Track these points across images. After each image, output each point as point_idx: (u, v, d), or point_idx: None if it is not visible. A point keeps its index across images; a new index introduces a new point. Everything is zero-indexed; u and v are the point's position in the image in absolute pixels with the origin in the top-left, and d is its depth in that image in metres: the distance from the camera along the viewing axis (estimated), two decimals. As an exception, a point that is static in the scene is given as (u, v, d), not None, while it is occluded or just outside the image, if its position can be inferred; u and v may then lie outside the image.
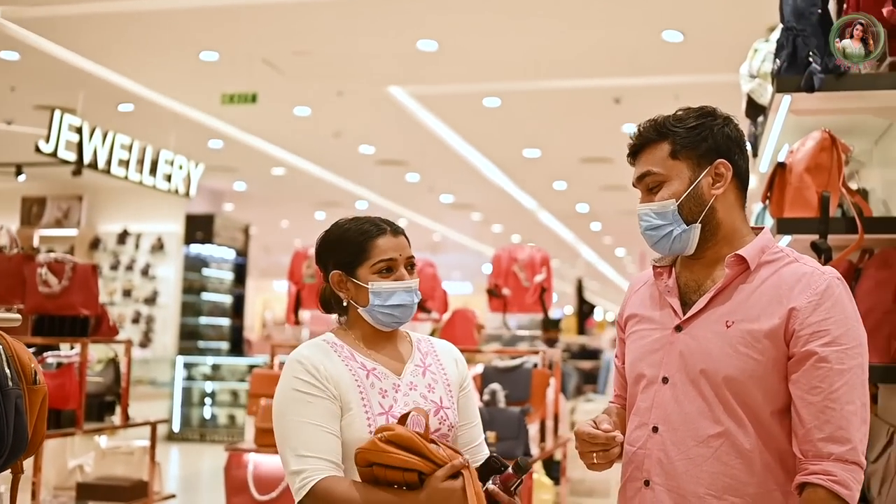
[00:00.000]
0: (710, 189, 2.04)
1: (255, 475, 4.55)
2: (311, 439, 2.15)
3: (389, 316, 2.28)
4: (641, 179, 2.10)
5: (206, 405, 14.56)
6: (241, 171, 15.74)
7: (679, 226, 2.04)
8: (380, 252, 2.27)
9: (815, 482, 1.86)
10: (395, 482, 2.07)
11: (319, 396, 2.18)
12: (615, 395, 2.34)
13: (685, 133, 2.05)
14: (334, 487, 2.11)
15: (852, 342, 1.91)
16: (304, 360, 2.23)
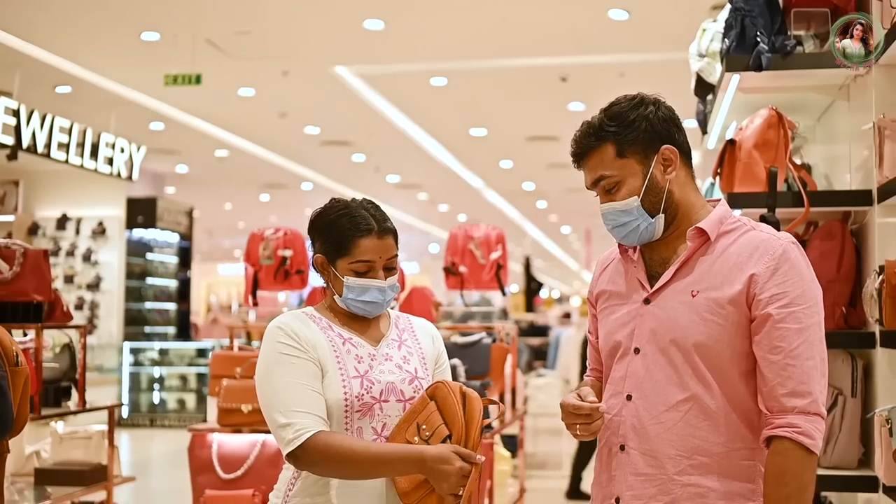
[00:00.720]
0: (663, 176, 2.12)
1: (219, 455, 4.58)
2: (299, 398, 2.20)
3: (361, 308, 2.34)
4: (597, 183, 2.15)
5: (155, 390, 14.45)
6: (183, 154, 15.57)
7: (644, 220, 2.11)
8: (360, 253, 2.32)
9: (781, 435, 1.99)
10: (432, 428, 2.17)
11: (302, 358, 2.25)
12: (591, 368, 2.43)
13: (624, 130, 2.10)
14: (329, 440, 2.17)
15: (809, 301, 2.02)
16: (283, 326, 2.30)
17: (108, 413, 5.71)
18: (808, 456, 1.98)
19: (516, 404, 5.69)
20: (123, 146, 12.07)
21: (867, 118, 3.09)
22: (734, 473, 2.05)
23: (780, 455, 1.99)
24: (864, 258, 3.23)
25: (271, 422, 2.24)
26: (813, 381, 1.99)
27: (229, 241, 28.32)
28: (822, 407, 2.01)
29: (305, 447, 2.16)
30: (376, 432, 2.27)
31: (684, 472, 2.05)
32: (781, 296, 2.00)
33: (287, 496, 2.29)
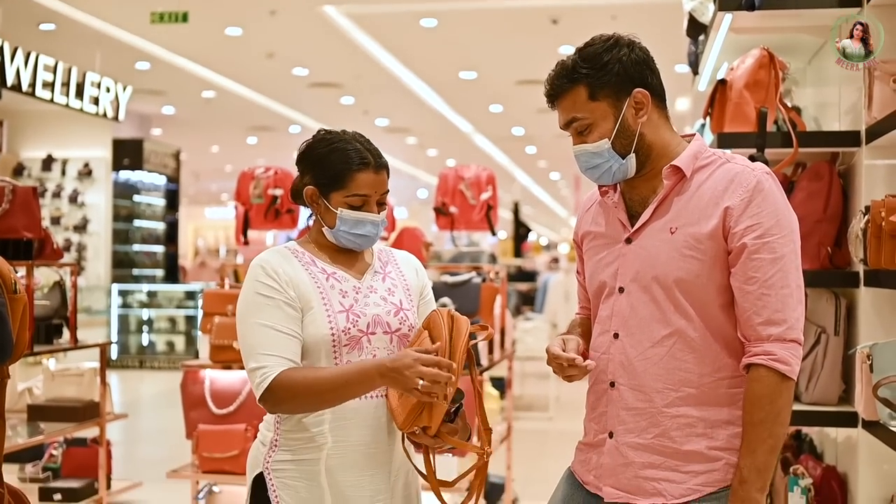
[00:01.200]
0: (635, 119, 2.13)
1: (212, 390, 4.63)
2: (271, 340, 2.22)
3: (352, 241, 2.35)
4: (569, 125, 2.17)
5: (144, 332, 14.51)
6: (170, 95, 15.43)
7: (616, 161, 2.14)
8: (356, 186, 2.32)
9: (757, 362, 2.04)
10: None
11: (279, 300, 2.26)
12: (580, 307, 2.48)
13: (596, 73, 2.11)
14: (292, 376, 2.19)
15: (783, 230, 2.05)
16: (264, 265, 2.31)
17: (99, 351, 5.77)
18: (783, 382, 2.03)
19: (505, 344, 5.75)
20: (109, 85, 11.94)
21: (858, 59, 3.11)
22: (721, 401, 2.11)
23: (756, 382, 2.04)
24: (851, 199, 3.27)
25: (245, 362, 2.27)
26: (788, 309, 2.03)
27: (216, 185, 28.20)
28: (798, 333, 2.05)
29: (271, 389, 2.19)
30: None
31: (672, 405, 2.10)
32: (756, 227, 2.03)
33: (278, 428, 2.31)
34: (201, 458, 4.51)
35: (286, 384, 2.18)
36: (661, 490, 2.10)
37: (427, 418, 2.16)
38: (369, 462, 2.30)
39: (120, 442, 8.00)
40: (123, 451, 7.98)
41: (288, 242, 2.46)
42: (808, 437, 3.88)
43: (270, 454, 2.31)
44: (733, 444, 2.10)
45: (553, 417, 9.65)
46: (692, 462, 2.09)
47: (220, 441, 4.47)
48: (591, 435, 2.25)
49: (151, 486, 6.49)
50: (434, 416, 2.15)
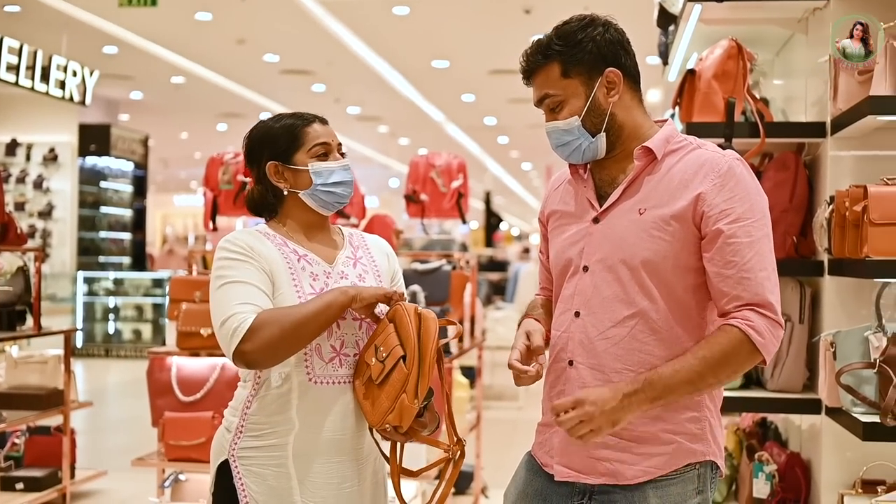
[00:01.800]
0: (606, 98, 2.14)
1: (178, 377, 4.58)
2: (245, 293, 2.19)
3: (332, 194, 2.34)
4: (542, 101, 2.19)
5: (110, 320, 14.38)
6: (138, 80, 15.24)
7: (586, 139, 2.15)
8: (313, 137, 2.33)
9: (734, 323, 2.02)
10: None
11: (251, 262, 2.24)
12: (541, 287, 2.47)
13: (570, 50, 2.12)
14: (266, 315, 2.16)
15: (756, 215, 2.06)
16: (234, 239, 2.29)
17: (63, 338, 5.71)
18: (751, 352, 2.02)
19: (475, 332, 5.76)
20: (76, 69, 11.76)
21: (824, 51, 3.12)
22: None
23: (723, 333, 2.03)
24: (816, 189, 3.31)
25: (215, 327, 2.23)
26: (768, 291, 2.03)
27: (185, 172, 27.96)
28: (779, 315, 2.06)
29: (251, 330, 2.14)
30: (335, 350, 2.27)
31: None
32: (730, 211, 2.04)
33: (245, 414, 2.28)
34: (167, 446, 4.47)
35: (262, 323, 2.14)
36: (612, 470, 2.10)
37: (398, 418, 2.15)
38: (337, 449, 2.28)
39: (84, 430, 7.93)
40: (88, 439, 7.92)
41: (258, 225, 2.43)
42: (773, 424, 3.92)
43: (236, 440, 2.28)
44: (689, 429, 2.10)
45: (523, 407, 9.69)
46: (646, 444, 2.09)
47: (187, 429, 4.43)
48: (549, 415, 2.24)
49: (116, 475, 6.45)
50: (405, 416, 2.15)
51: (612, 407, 1.99)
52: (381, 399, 2.17)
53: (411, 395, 2.14)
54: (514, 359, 2.13)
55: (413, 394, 2.15)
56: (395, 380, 2.17)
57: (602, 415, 1.98)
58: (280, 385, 2.24)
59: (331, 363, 2.27)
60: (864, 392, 2.84)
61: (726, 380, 2.07)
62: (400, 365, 2.17)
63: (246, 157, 2.43)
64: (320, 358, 2.26)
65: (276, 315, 2.17)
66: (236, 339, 2.15)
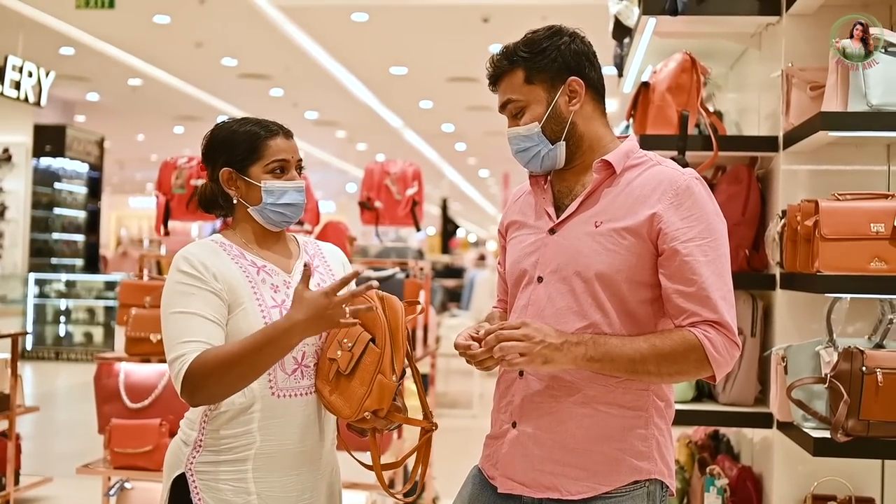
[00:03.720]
0: (567, 107, 2.14)
1: (126, 384, 4.51)
2: (190, 327, 2.14)
3: (280, 214, 2.29)
4: (505, 107, 2.19)
5: (61, 323, 14.18)
6: (94, 81, 15.10)
7: (545, 146, 2.15)
8: (273, 153, 2.27)
9: (691, 330, 2.01)
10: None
11: (203, 288, 2.17)
12: (498, 299, 2.46)
13: (534, 58, 2.14)
14: (205, 356, 2.10)
15: (714, 234, 2.05)
16: (189, 256, 2.22)
17: (11, 342, 5.61)
18: (701, 361, 2.01)
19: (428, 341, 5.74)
20: (31, 70, 11.67)
21: (777, 67, 3.16)
22: (632, 403, 2.10)
23: (680, 334, 2.02)
24: (769, 203, 3.33)
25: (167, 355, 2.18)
26: (725, 312, 2.03)
27: (141, 174, 27.71)
28: (737, 336, 2.05)
29: (188, 374, 2.09)
30: (297, 362, 2.23)
31: (580, 401, 2.09)
32: (687, 230, 2.04)
33: (204, 427, 2.23)
34: (113, 454, 4.39)
35: (199, 367, 2.08)
36: (557, 485, 2.09)
37: (377, 400, 2.13)
38: (298, 461, 2.24)
39: (30, 436, 7.80)
40: (34, 445, 7.77)
41: (213, 235, 2.38)
42: (725, 437, 3.93)
43: (194, 455, 2.22)
44: (636, 446, 2.09)
45: (477, 415, 9.67)
46: (594, 461, 2.08)
47: (134, 436, 4.36)
48: (496, 426, 2.23)
49: (61, 482, 6.33)
50: (385, 396, 2.13)
51: (552, 343, 1.99)
52: (354, 387, 2.15)
53: (388, 371, 2.14)
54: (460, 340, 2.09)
55: (390, 370, 2.14)
56: (367, 363, 2.15)
57: (541, 344, 1.98)
58: (243, 400, 2.19)
59: (293, 375, 2.23)
60: (815, 407, 2.85)
61: (667, 377, 2.05)
62: (370, 347, 2.15)
63: (203, 154, 2.38)
64: (283, 371, 2.22)
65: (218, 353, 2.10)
66: (178, 384, 2.12)
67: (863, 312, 2.98)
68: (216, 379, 2.09)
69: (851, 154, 3.06)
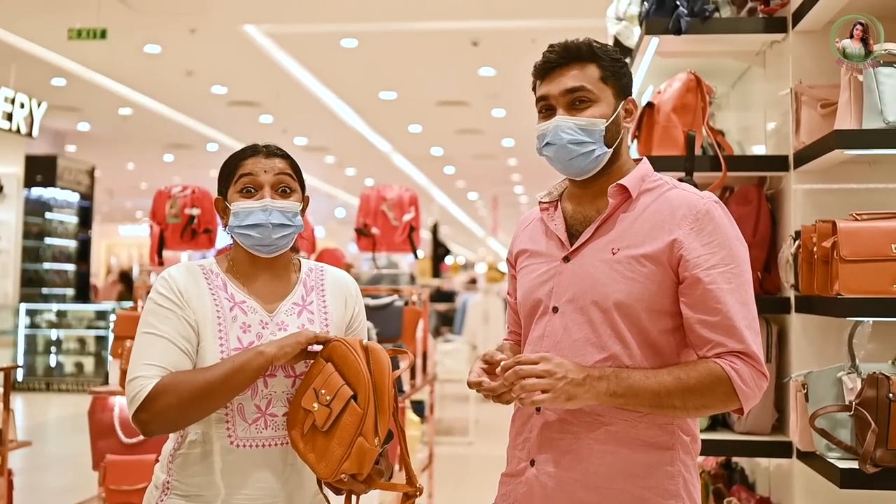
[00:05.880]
0: (622, 121, 2.10)
1: (121, 418, 4.43)
2: (158, 351, 2.03)
3: (248, 237, 2.14)
4: (570, 93, 2.06)
5: (52, 353, 14.06)
6: (85, 111, 15.14)
7: (601, 147, 2.06)
8: (242, 170, 2.16)
9: (717, 361, 1.93)
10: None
11: (176, 313, 2.07)
12: (509, 331, 2.37)
13: (612, 63, 2.09)
14: (166, 381, 2.00)
15: (736, 260, 1.98)
16: (169, 280, 2.13)
17: (3, 375, 5.51)
18: (728, 394, 1.93)
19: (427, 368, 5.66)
20: (24, 101, 11.78)
21: (783, 85, 3.10)
22: (655, 439, 2.00)
23: (705, 365, 1.94)
24: (780, 224, 3.24)
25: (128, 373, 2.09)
26: (751, 342, 1.95)
27: (131, 202, 27.73)
28: (764, 366, 1.98)
29: (144, 403, 1.99)
30: (260, 410, 2.09)
31: (601, 438, 2.00)
32: (709, 257, 1.97)
33: (170, 469, 2.13)
34: (108, 491, 4.30)
35: (159, 391, 1.98)
36: None
37: (357, 464, 1.98)
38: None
39: (23, 470, 7.64)
40: (26, 479, 7.63)
41: (204, 259, 2.27)
42: (738, 465, 3.81)
43: (162, 498, 2.12)
44: (664, 485, 2.00)
45: (473, 442, 9.53)
46: (617, 500, 1.99)
47: (129, 473, 4.28)
48: (513, 463, 2.13)
49: (56, 518, 6.22)
50: (365, 461, 1.98)
51: (574, 378, 1.89)
52: (332, 447, 1.98)
53: (370, 435, 1.97)
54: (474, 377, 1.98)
55: (372, 434, 1.97)
56: (346, 423, 1.98)
57: (563, 380, 1.88)
58: (202, 443, 2.08)
59: (254, 424, 2.09)
60: (839, 436, 2.73)
61: (693, 411, 1.96)
62: (351, 405, 1.98)
63: None
64: (243, 419, 2.08)
65: (178, 381, 2.00)
66: (133, 406, 2.02)
67: (879, 335, 2.88)
68: (175, 406, 1.99)
69: (864, 172, 2.98)
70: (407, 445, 2.15)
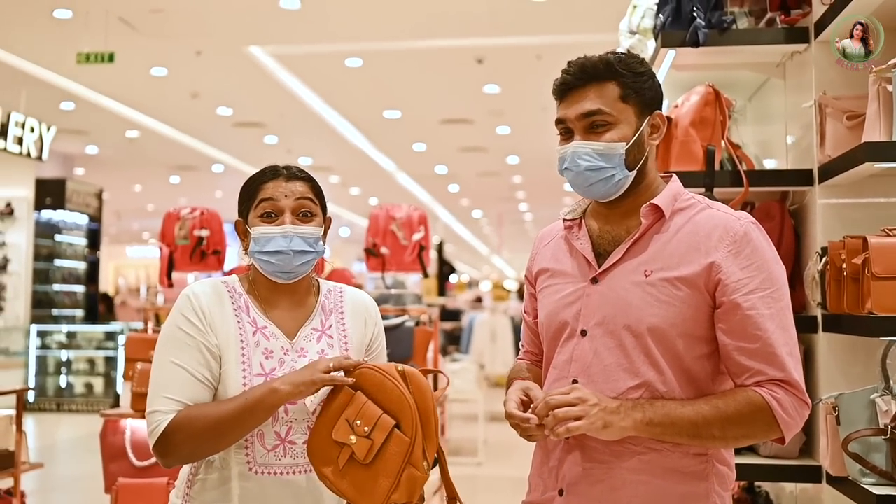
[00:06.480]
0: (648, 139, 2.00)
1: (132, 441, 4.37)
2: (176, 382, 2.01)
3: (268, 263, 2.10)
4: (587, 117, 1.96)
5: (63, 374, 14.08)
6: (93, 134, 15.21)
7: (622, 171, 1.96)
8: (262, 194, 2.12)
9: (756, 390, 1.85)
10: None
11: (198, 340, 2.04)
12: (524, 350, 2.29)
13: (634, 78, 1.97)
14: (181, 417, 1.99)
15: (776, 284, 1.90)
16: (193, 299, 2.09)
17: (15, 397, 5.48)
18: (770, 424, 1.86)
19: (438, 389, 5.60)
20: (33, 125, 11.89)
21: (805, 97, 3.04)
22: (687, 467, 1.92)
23: (745, 394, 1.87)
24: (804, 240, 3.17)
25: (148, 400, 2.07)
26: (793, 369, 1.88)
27: (138, 224, 27.80)
28: (806, 394, 1.90)
29: (162, 437, 2.00)
30: (279, 437, 2.06)
31: (635, 468, 1.91)
32: (747, 281, 1.88)
33: (187, 495, 2.10)
34: (121, 515, 4.25)
35: (175, 428, 1.97)
36: None
37: (407, 494, 1.93)
38: None
39: (35, 491, 7.61)
40: (39, 502, 7.59)
41: (228, 276, 2.23)
42: (762, 490, 3.68)
43: None
44: None
45: (482, 462, 9.33)
46: None
47: (141, 496, 4.22)
48: (537, 492, 2.05)
49: (67, 543, 6.15)
50: (416, 490, 1.94)
51: (607, 406, 1.83)
52: (378, 479, 1.92)
53: (419, 463, 1.92)
54: (513, 407, 1.91)
55: (421, 461, 1.93)
56: (392, 453, 1.92)
57: (596, 407, 1.82)
58: (220, 468, 2.05)
59: (273, 451, 2.05)
60: (873, 460, 2.62)
61: (732, 441, 1.89)
62: (396, 435, 1.92)
63: None
64: (262, 445, 2.05)
65: (192, 418, 1.98)
66: (152, 440, 2.03)
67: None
68: (194, 441, 1.99)
69: (892, 185, 2.91)
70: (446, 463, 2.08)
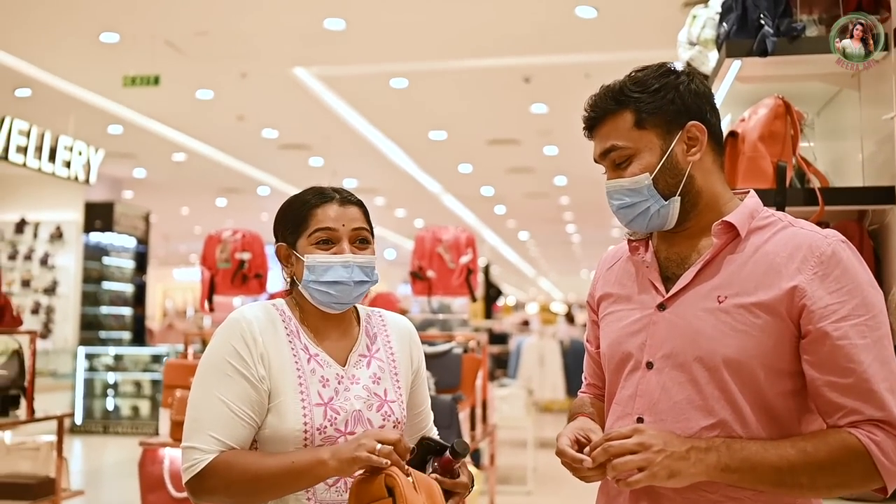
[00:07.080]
0: (685, 156, 1.82)
1: (171, 471, 4.27)
2: (220, 419, 1.93)
3: (325, 294, 2.02)
4: (606, 155, 1.86)
5: (109, 396, 14.14)
6: (140, 158, 15.33)
7: (656, 202, 1.82)
8: (317, 221, 2.04)
9: (852, 432, 1.66)
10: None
11: (244, 374, 1.95)
12: (587, 383, 2.13)
13: (648, 98, 1.81)
14: (222, 463, 1.90)
15: (872, 310, 1.70)
16: (245, 326, 1.99)
17: (57, 423, 5.44)
18: (868, 471, 1.65)
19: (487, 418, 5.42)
20: (82, 149, 11.99)
21: (885, 108, 2.84)
22: None
23: (838, 436, 1.67)
24: (885, 262, 2.96)
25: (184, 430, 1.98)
26: (892, 407, 1.66)
27: (185, 246, 28.03)
28: None
29: (199, 477, 1.91)
30: None
31: None
32: (838, 306, 1.69)
33: None
34: (162, 545, 4.15)
35: (216, 470, 1.89)
36: None
37: None
38: None
39: (78, 519, 7.54)
40: (81, 529, 7.52)
41: (277, 300, 2.14)
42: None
43: None
44: None
45: (532, 492, 9.06)
46: None
47: (182, 526, 4.12)
48: None
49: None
50: None
51: (674, 451, 1.64)
52: None
53: None
54: (566, 444, 1.76)
55: None
56: None
57: (661, 454, 1.63)
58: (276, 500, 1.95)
59: (334, 487, 1.97)
60: None
61: (824, 490, 1.68)
62: None
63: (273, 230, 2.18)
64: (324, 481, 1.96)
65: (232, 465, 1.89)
66: (186, 476, 1.93)
67: None
68: (228, 490, 1.90)
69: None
70: None
